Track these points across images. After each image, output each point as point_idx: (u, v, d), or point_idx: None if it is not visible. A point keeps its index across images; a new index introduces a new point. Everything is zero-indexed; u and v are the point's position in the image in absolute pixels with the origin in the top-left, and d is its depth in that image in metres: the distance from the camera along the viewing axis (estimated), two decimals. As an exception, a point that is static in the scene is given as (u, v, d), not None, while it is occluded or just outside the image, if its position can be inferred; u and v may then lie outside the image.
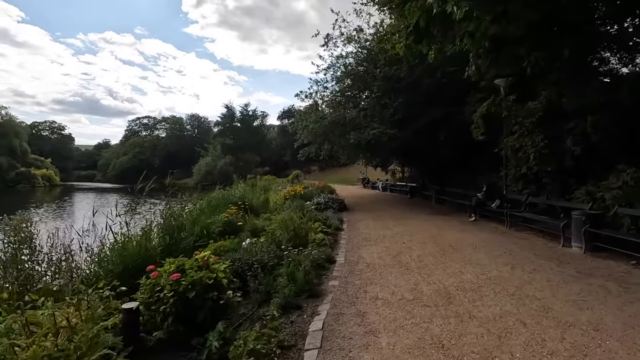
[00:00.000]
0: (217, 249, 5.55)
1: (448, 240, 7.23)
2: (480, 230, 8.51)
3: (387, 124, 12.29)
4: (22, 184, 62.95)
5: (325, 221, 9.41)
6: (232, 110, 71.03)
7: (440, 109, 11.83)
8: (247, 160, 64.79)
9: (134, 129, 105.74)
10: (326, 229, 8.51)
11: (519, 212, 8.62)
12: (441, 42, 8.18)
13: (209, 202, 10.30)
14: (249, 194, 13.24)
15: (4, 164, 63.55)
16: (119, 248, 5.39)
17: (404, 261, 5.55)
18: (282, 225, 6.67)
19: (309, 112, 15.25)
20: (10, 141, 67.06)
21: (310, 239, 7.09)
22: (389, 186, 23.87)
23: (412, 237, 7.64)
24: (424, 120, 11.92)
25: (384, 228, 9.13)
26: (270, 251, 5.15)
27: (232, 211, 7.87)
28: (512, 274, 4.71)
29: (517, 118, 8.63)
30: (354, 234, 8.33)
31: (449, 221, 10.12)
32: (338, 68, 14.55)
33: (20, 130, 72.15)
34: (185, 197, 8.67)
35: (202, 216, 8.40)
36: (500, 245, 6.66)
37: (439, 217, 11.11)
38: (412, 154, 15.99)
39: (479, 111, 9.60)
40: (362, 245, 7.03)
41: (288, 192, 15.39)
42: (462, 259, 5.58)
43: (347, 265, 5.46)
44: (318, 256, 5.22)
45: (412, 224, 9.56)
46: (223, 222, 7.53)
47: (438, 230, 8.52)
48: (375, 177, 29.59)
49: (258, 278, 4.09)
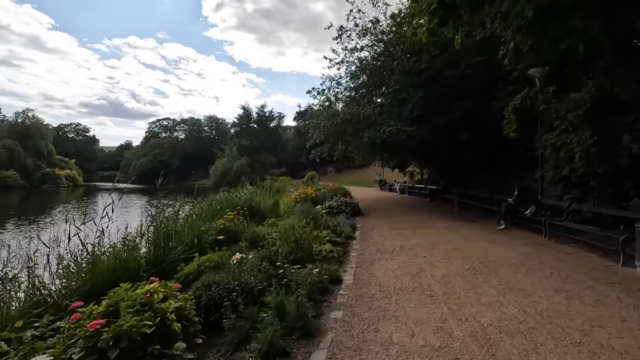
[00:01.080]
0: (202, 264, 4.71)
1: (477, 254, 6.13)
2: (514, 241, 7.34)
3: (404, 121, 11.22)
4: (47, 184, 65.01)
5: (335, 228, 8.46)
6: (248, 112, 71.03)
7: (464, 104, 10.66)
8: (263, 161, 64.59)
9: (154, 130, 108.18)
10: (335, 237, 7.56)
11: (560, 221, 7.39)
12: (469, 25, 7.10)
13: (210, 205, 9.55)
14: (256, 196, 12.43)
15: (30, 165, 65.81)
16: (87, 262, 4.64)
17: (425, 283, 4.53)
18: (282, 234, 5.77)
19: (321, 109, 14.33)
20: (37, 143, 69.49)
21: (315, 250, 6.17)
22: (406, 188, 22.63)
23: (434, 250, 6.57)
24: (445, 116, 10.78)
25: (401, 237, 8.08)
26: (262, 270, 4.25)
27: (231, 217, 7.04)
28: (570, 308, 3.62)
29: (558, 112, 7.42)
30: (367, 244, 7.34)
31: (475, 229, 8.95)
32: (352, 62, 13.60)
33: (46, 132, 74.71)
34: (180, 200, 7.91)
35: (199, 222, 7.65)
36: (542, 262, 5.52)
37: (463, 224, 9.94)
38: (432, 154, 14.79)
39: (511, 105, 8.41)
40: (376, 259, 6.03)
41: (299, 194, 14.52)
42: (499, 282, 4.51)
43: (355, 287, 4.49)
44: (320, 277, 4.28)
45: (433, 233, 8.47)
46: (219, 230, 6.71)
47: (464, 240, 7.41)
48: (392, 178, 28.35)
49: (238, 310, 3.19)
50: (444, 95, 10.81)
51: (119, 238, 5.95)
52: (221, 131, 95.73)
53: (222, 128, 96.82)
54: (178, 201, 7.77)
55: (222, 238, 6.57)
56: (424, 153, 15.13)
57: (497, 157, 12.50)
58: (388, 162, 21.99)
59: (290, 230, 5.82)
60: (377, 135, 11.17)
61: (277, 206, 14.44)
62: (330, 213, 12.14)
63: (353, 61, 13.50)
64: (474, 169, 14.30)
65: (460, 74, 10.24)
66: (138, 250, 5.83)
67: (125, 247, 5.52)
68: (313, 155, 15.97)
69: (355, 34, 13.64)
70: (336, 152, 16.06)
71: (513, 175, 11.23)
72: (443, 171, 18.03)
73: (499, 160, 12.40)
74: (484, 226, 9.54)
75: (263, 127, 70.76)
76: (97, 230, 5.46)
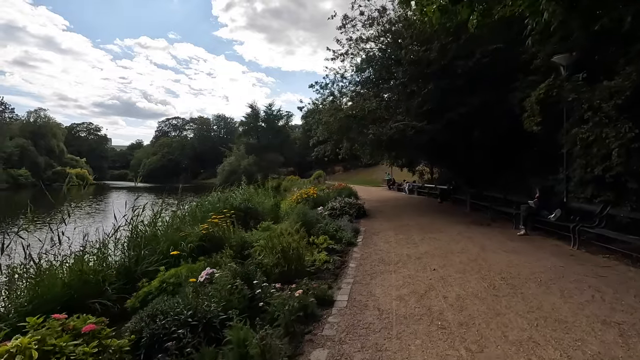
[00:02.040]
0: (165, 280, 3.94)
1: (497, 267, 5.23)
2: (538, 250, 6.40)
3: (413, 116, 10.31)
4: (58, 182, 65.70)
5: (335, 233, 7.64)
6: (256, 110, 70.55)
7: (479, 97, 9.69)
8: (270, 160, 64.08)
9: (163, 129, 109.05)
10: (334, 244, 6.75)
11: (592, 228, 6.42)
12: (487, 2, 6.18)
13: (199, 206, 8.83)
14: (255, 196, 11.68)
15: (42, 164, 66.67)
16: (29, 277, 3.92)
17: (436, 308, 3.67)
18: (267, 243, 4.98)
19: (324, 105, 13.51)
20: (49, 142, 70.41)
21: (308, 261, 5.36)
22: (416, 188, 21.65)
23: (446, 261, 5.69)
24: (458, 110, 9.83)
25: (408, 244, 7.21)
26: (233, 291, 3.46)
27: (215, 220, 6.28)
28: (629, 351, 2.73)
29: (591, 101, 6.43)
30: (369, 253, 6.49)
31: (492, 235, 8.02)
32: (358, 54, 12.69)
33: (58, 131, 75.63)
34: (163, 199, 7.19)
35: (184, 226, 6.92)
36: (577, 279, 4.60)
37: (477, 229, 9.01)
38: (443, 151, 13.81)
39: (534, 95, 7.43)
40: (377, 272, 5.18)
41: (300, 195, 13.72)
42: (528, 307, 3.62)
43: (349, 312, 3.66)
44: (305, 300, 3.46)
45: (444, 239, 7.57)
46: (200, 236, 5.95)
47: (480, 249, 6.50)
48: (401, 178, 27.34)
49: (185, 352, 2.41)
50: (456, 87, 9.85)
51: (92, 244, 5.30)
52: (230, 130, 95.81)
53: (231, 127, 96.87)
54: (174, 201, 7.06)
55: (205, 244, 5.83)
56: (434, 151, 14.15)
57: (515, 155, 11.48)
58: (396, 161, 21.00)
59: (277, 238, 5.03)
60: (383, 131, 10.27)
61: (278, 207, 13.70)
62: (333, 215, 11.34)
63: (358, 52, 12.62)
64: (488, 167, 13.29)
65: (475, 64, 9.28)
66: (105, 259, 5.14)
67: (87, 257, 4.83)
68: (316, 154, 15.15)
69: (360, 24, 12.76)
70: (341, 151, 15.20)
71: (532, 174, 10.22)
72: (454, 170, 17.02)
73: (517, 158, 11.38)
74: (501, 231, 8.60)
75: (271, 125, 70.25)
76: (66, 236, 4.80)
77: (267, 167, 63.25)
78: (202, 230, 6.00)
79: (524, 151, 10.62)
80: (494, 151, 11.95)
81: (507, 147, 11.45)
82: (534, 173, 10.03)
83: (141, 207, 6.33)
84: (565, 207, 7.72)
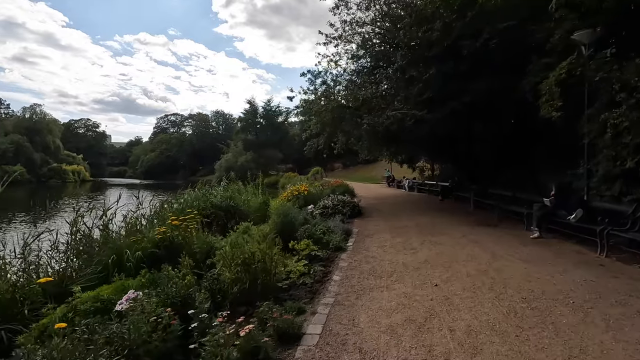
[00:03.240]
0: (73, 309, 2.93)
1: (514, 281, 4.22)
2: (558, 258, 5.39)
3: (413, 104, 9.26)
4: (53, 179, 64.91)
5: (322, 236, 6.65)
6: (254, 106, 69.40)
7: (486, 82, 8.63)
8: (269, 156, 63.10)
9: (162, 126, 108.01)
10: (318, 250, 5.75)
11: (624, 232, 5.41)
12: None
13: (170, 205, 7.83)
14: (239, 194, 10.67)
15: (38, 160, 65.83)
16: None
17: (439, 350, 2.66)
18: (228, 254, 3.97)
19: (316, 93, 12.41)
20: (44, 138, 69.47)
21: (282, 273, 4.37)
22: (416, 185, 20.62)
23: (451, 272, 4.69)
24: (463, 98, 8.77)
25: (406, 249, 6.21)
26: (156, 327, 2.46)
27: (175, 222, 5.27)
28: None
29: (625, 81, 5.39)
30: (359, 261, 5.49)
31: (501, 238, 7.02)
32: (352, 38, 11.58)
33: (54, 127, 74.67)
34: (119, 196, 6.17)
35: (145, 229, 5.93)
36: (620, 300, 3.58)
37: (484, 230, 8.01)
38: (445, 145, 12.76)
39: (553, 76, 6.37)
40: (365, 288, 4.18)
41: (290, 192, 12.72)
42: (568, 351, 2.61)
43: (318, 357, 2.66)
44: (254, 342, 2.46)
45: (447, 243, 6.57)
46: (155, 242, 4.94)
47: (490, 256, 5.49)
48: (401, 174, 26.31)
49: None
50: (461, 72, 8.79)
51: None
52: (229, 126, 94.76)
53: (230, 123, 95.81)
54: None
55: (162, 252, 4.83)
56: (434, 144, 13.11)
57: (524, 148, 10.45)
58: (395, 157, 19.95)
59: (240, 246, 4.03)
60: (379, 121, 9.21)
61: (267, 206, 12.71)
62: (325, 214, 10.38)
63: (353, 36, 11.50)
64: (494, 162, 12.25)
65: (482, 45, 8.22)
66: (37, 270, 4.18)
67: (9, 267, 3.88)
68: (308, 148, 14.11)
69: (355, 6, 11.66)
70: (337, 145, 14.16)
71: (545, 169, 9.20)
72: (456, 166, 15.99)
73: (527, 152, 10.35)
74: (511, 233, 7.60)
75: (269, 122, 69.10)
76: None
77: (265, 164, 62.24)
78: (158, 235, 4.99)
79: (536, 143, 9.60)
80: (501, 144, 10.91)
81: (515, 139, 10.42)
82: (547, 168, 9.01)
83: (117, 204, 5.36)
84: (586, 206, 6.70)
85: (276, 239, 5.20)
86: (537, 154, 9.66)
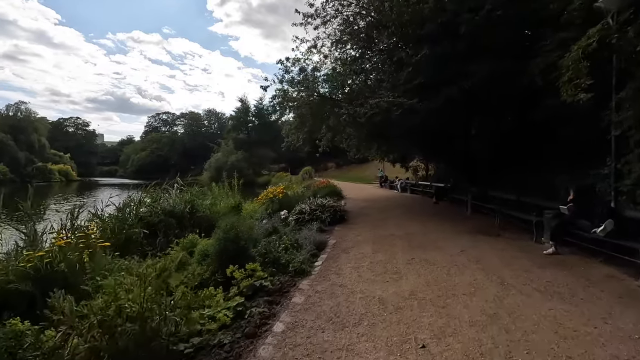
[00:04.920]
0: None
1: (541, 337, 2.80)
2: (590, 287, 3.98)
3: (401, 92, 7.80)
4: (38, 178, 62.86)
5: (283, 254, 5.23)
6: (246, 105, 67.72)
7: (488, 65, 7.21)
8: (260, 155, 61.63)
9: (153, 124, 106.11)
10: (268, 277, 4.30)
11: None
12: None
13: (99, 214, 6.33)
14: (197, 197, 9.17)
15: (22, 159, 63.78)
16: None
17: None
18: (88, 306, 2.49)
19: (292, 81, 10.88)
20: (29, 136, 67.34)
21: (195, 320, 2.90)
22: (409, 186, 19.21)
23: (445, 318, 3.24)
24: (460, 83, 7.35)
25: (387, 272, 4.76)
26: None
27: (60, 243, 3.79)
28: None
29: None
30: (321, 294, 4.03)
31: (508, 253, 5.63)
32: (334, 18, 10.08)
33: (39, 125, 72.66)
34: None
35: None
36: None
37: (485, 241, 6.61)
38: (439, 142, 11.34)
39: (579, 47, 4.91)
40: (315, 353, 2.72)
41: (265, 195, 11.25)
42: None
43: None
44: None
45: (441, 263, 5.14)
46: (23, 274, 3.45)
47: (499, 285, 4.07)
48: (394, 174, 24.91)
49: None
50: (458, 52, 7.35)
51: None
52: (222, 125, 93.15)
53: (223, 122, 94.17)
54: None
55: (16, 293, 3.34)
56: (427, 141, 11.67)
57: (530, 144, 9.07)
58: (387, 156, 18.50)
59: (113, 294, 2.56)
60: (360, 111, 7.72)
61: (240, 210, 11.23)
62: (301, 221, 8.98)
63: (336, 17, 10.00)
64: (495, 160, 10.88)
65: (484, 19, 6.81)
66: None
67: None
68: (285, 145, 12.62)
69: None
70: (322, 143, 12.70)
71: (557, 169, 7.82)
72: (452, 165, 14.60)
73: (533, 148, 8.96)
74: (517, 245, 6.23)
75: (262, 120, 67.50)
76: None
77: (257, 163, 60.67)
78: (27, 265, 3.48)
79: (545, 138, 8.21)
80: (503, 140, 9.53)
81: (520, 133, 9.02)
82: (559, 167, 7.62)
83: None
84: (615, 215, 5.31)
85: (205, 266, 3.76)
86: (547, 150, 8.27)
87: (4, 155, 59.92)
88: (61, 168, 70.69)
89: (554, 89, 6.31)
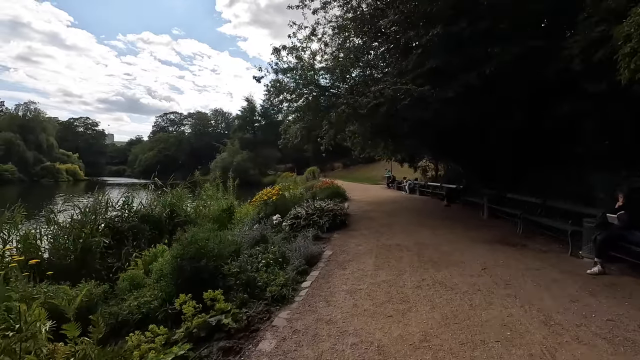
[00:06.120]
0: None
1: None
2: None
3: (410, 79, 6.65)
4: (46, 178, 63.16)
5: (262, 272, 4.20)
6: (252, 104, 67.02)
7: (515, 48, 6.06)
8: (266, 155, 60.88)
9: (161, 124, 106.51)
10: (225, 316, 3.25)
11: None
12: None
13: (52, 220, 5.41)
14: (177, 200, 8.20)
15: (31, 159, 64.19)
16: None
17: None
18: None
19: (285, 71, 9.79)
20: (37, 136, 67.77)
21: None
22: (417, 187, 18.03)
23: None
24: (479, 68, 6.21)
25: (392, 301, 3.68)
26: None
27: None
28: None
29: None
30: (300, 336, 2.97)
31: (543, 272, 4.52)
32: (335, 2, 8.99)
33: (48, 125, 73.20)
34: None
35: None
36: None
37: (510, 254, 5.50)
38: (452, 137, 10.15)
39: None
40: None
41: (259, 197, 10.21)
42: None
43: None
44: None
45: (460, 288, 4.03)
46: None
47: (543, 325, 2.97)
48: (402, 174, 23.70)
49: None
50: (478, 32, 6.22)
51: None
52: (229, 125, 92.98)
53: (230, 122, 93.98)
54: None
55: None
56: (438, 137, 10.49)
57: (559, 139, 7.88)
58: (394, 155, 17.33)
59: None
60: (361, 100, 6.57)
61: (231, 214, 10.27)
62: (296, 226, 7.99)
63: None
64: (515, 158, 9.69)
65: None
66: None
67: None
68: (282, 143, 11.57)
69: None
70: (323, 140, 11.62)
71: (594, 169, 6.63)
72: (465, 164, 13.40)
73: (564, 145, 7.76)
74: (548, 260, 5.21)
75: (268, 120, 66.78)
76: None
77: (262, 163, 59.90)
78: None
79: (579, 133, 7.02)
80: (527, 134, 8.34)
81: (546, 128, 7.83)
82: (597, 167, 6.43)
83: None
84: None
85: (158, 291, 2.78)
86: (583, 145, 7.05)
87: (12, 155, 60.34)
88: (69, 167, 70.98)
89: (596, 72, 5.18)
